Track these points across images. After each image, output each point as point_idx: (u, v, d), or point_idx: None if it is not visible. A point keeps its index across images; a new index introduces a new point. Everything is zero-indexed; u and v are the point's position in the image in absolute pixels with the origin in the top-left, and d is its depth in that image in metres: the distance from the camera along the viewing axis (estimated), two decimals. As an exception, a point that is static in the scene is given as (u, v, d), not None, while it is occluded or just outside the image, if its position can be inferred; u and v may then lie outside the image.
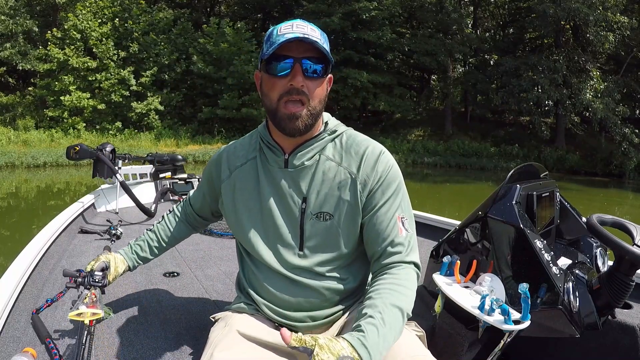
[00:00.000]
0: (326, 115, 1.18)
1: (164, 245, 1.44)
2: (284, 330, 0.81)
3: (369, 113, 26.07)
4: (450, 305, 1.54)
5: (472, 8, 27.34)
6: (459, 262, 1.66)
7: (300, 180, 1.11)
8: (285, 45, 0.99)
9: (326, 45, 1.04)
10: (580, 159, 20.73)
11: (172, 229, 1.45)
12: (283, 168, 1.12)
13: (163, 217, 1.48)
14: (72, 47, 19.38)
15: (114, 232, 3.01)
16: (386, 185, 1.10)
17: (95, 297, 1.29)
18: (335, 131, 1.15)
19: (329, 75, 1.11)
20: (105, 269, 1.33)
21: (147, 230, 1.47)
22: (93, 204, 3.79)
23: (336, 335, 1.15)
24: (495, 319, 1.38)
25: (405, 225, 1.10)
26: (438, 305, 1.60)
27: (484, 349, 1.55)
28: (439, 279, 1.65)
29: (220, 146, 20.02)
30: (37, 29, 20.23)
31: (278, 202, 1.13)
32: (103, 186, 4.08)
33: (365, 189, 1.09)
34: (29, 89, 20.33)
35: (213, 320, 1.27)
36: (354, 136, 1.16)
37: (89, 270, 1.32)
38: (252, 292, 1.21)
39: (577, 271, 1.60)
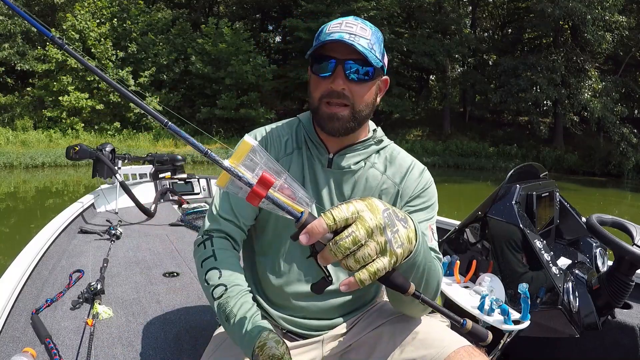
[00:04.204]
0: (372, 124, 1.15)
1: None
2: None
3: (368, 113, 26.07)
4: (450, 305, 1.54)
5: (470, 8, 27.35)
6: (458, 262, 1.66)
7: (344, 184, 1.07)
8: (331, 44, 0.95)
9: (377, 47, 0.98)
10: (578, 158, 20.75)
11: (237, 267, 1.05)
12: (326, 167, 1.08)
13: (216, 261, 1.02)
14: (71, 47, 19.32)
15: (113, 232, 3.01)
16: (425, 196, 1.09)
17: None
18: (382, 141, 1.13)
19: (384, 78, 1.06)
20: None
21: (235, 290, 0.98)
22: (93, 204, 3.79)
23: (345, 335, 1.11)
24: (495, 319, 1.38)
25: (434, 235, 1.06)
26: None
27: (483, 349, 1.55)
28: (439, 279, 1.65)
29: (218, 146, 20.01)
30: (35, 29, 20.18)
31: (317, 203, 1.07)
32: (103, 186, 4.07)
33: (404, 199, 1.08)
34: (27, 89, 20.24)
35: (218, 321, 1.22)
36: (398, 150, 1.15)
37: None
38: (262, 299, 1.14)
39: (577, 271, 1.60)
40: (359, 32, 0.96)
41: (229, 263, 1.02)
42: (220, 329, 1.14)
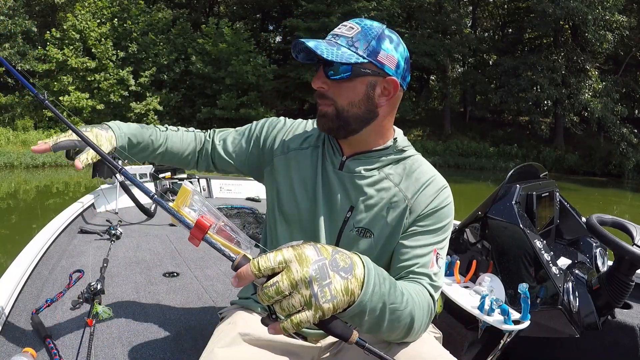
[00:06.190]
0: (397, 132, 1.11)
1: (164, 147, 1.23)
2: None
3: (368, 113, 26.06)
4: (450, 305, 1.54)
5: (471, 8, 27.36)
6: (458, 262, 1.66)
7: (353, 188, 1.06)
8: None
9: (361, 43, 0.94)
10: (578, 158, 20.76)
11: (181, 137, 1.25)
12: (337, 169, 1.08)
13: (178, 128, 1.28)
14: (71, 47, 19.34)
15: (113, 232, 3.00)
16: (436, 217, 1.03)
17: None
18: (403, 151, 1.09)
19: (389, 79, 0.98)
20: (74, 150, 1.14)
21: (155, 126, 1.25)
22: (93, 204, 3.79)
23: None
24: (495, 319, 1.38)
25: (438, 262, 1.01)
26: (438, 305, 1.60)
27: (483, 349, 1.55)
28: (439, 279, 1.65)
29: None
30: (35, 29, 20.16)
31: (325, 202, 1.07)
32: (103, 186, 4.07)
33: (413, 214, 1.03)
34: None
35: (220, 316, 1.24)
36: (420, 162, 1.09)
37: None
38: None
39: (577, 271, 1.60)
40: (344, 32, 0.97)
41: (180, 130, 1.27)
42: (223, 324, 1.14)
